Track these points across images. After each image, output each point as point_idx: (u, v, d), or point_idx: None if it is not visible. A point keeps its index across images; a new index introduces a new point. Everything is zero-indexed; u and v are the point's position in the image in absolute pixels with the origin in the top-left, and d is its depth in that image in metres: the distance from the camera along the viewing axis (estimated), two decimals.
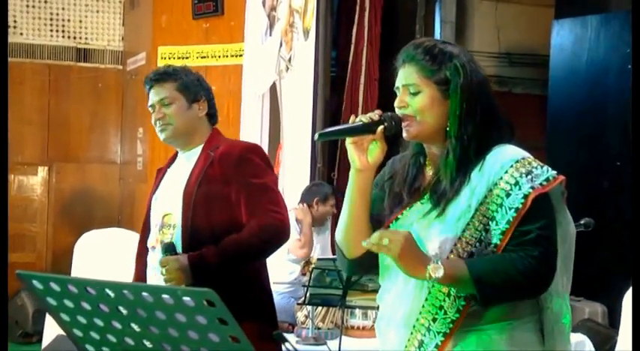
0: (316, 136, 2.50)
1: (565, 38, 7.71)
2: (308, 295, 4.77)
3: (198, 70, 3.74)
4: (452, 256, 2.43)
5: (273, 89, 7.26)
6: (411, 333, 2.50)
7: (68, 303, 1.84)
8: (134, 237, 6.49)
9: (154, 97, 3.50)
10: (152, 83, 3.50)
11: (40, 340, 6.48)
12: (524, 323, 2.48)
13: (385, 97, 7.32)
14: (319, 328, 5.02)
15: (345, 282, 4.70)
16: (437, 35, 7.18)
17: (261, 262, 3.54)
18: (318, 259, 5.06)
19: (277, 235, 3.38)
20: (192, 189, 3.35)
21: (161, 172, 3.65)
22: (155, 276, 3.41)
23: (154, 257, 3.44)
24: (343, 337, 4.76)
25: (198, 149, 3.48)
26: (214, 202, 3.35)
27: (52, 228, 9.05)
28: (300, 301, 5.01)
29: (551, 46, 7.84)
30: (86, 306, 1.83)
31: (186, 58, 7.75)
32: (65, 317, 1.89)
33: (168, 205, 3.46)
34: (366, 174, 2.54)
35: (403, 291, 2.52)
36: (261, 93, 7.31)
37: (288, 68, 6.91)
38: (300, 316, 5.12)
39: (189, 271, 3.22)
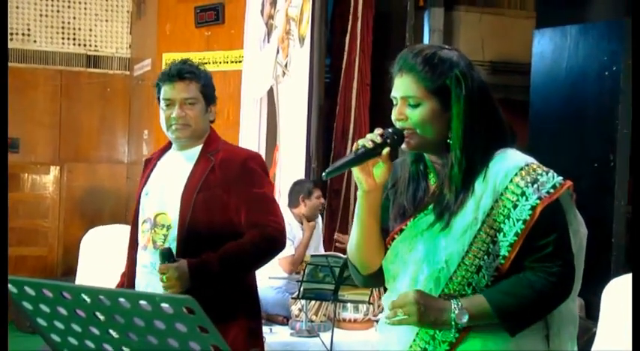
0: (324, 175, 2.22)
1: (545, 47, 7.56)
2: (302, 289, 4.67)
3: None
4: (459, 270, 2.18)
5: (270, 93, 7.09)
6: (414, 340, 2.26)
7: (44, 308, 1.61)
8: None
9: (176, 93, 3.16)
10: (175, 79, 3.17)
11: None
12: (530, 330, 2.21)
13: (376, 100, 7.21)
14: (312, 321, 4.89)
15: (337, 277, 4.58)
16: (426, 43, 7.00)
17: None
18: (312, 256, 4.89)
19: (276, 245, 3.18)
20: (191, 193, 3.10)
21: (150, 164, 3.35)
22: (145, 275, 3.19)
23: (145, 256, 3.19)
24: (335, 329, 4.64)
25: (197, 149, 3.21)
26: (213, 208, 3.10)
27: (63, 224, 8.94)
28: (294, 296, 4.87)
29: (532, 54, 7.70)
30: (62, 311, 1.59)
31: None
32: (42, 322, 1.65)
33: (162, 205, 3.18)
34: (374, 194, 2.28)
35: None
36: (259, 97, 7.16)
37: (284, 73, 6.73)
38: (295, 309, 4.97)
39: (189, 278, 2.98)
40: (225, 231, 3.10)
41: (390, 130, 2.23)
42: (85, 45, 9.02)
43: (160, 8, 8.00)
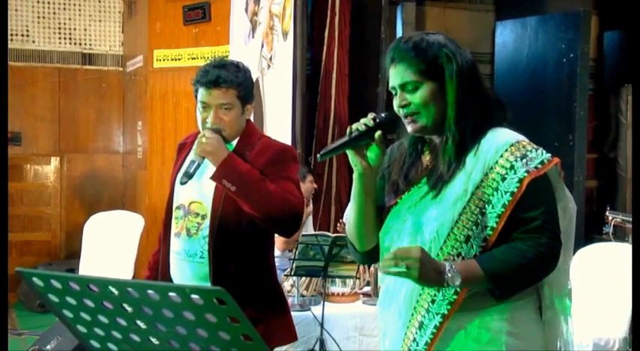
0: (318, 156, 2.15)
1: (507, 37, 7.52)
2: (294, 266, 4.56)
3: (189, 70, 3.22)
4: (449, 240, 2.09)
5: (256, 85, 6.89)
6: (412, 314, 2.16)
7: (70, 300, 1.47)
8: (135, 218, 6.24)
9: (212, 99, 2.88)
10: (211, 86, 2.87)
11: None
12: (524, 303, 2.13)
13: (354, 89, 7.11)
14: (304, 296, 4.79)
15: (327, 255, 4.50)
16: (399, 35, 6.90)
17: (270, 257, 3.08)
18: (302, 235, 4.77)
19: (291, 208, 2.83)
20: (223, 188, 2.84)
21: (185, 150, 3.09)
22: (178, 261, 2.98)
23: (178, 243, 2.97)
24: (325, 302, 4.53)
25: (234, 143, 2.95)
26: None
27: (65, 210, 8.75)
28: (286, 273, 4.76)
29: (495, 44, 7.65)
30: (89, 303, 1.45)
31: (179, 59, 7.48)
32: (68, 314, 1.51)
33: (197, 193, 2.95)
34: (368, 176, 2.19)
35: None
36: None
37: (269, 66, 6.59)
38: (287, 285, 4.86)
39: (224, 151, 2.77)
40: (254, 225, 2.86)
41: (382, 114, 2.17)
42: (80, 44, 8.81)
43: (150, 8, 7.78)
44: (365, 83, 7.08)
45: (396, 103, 2.17)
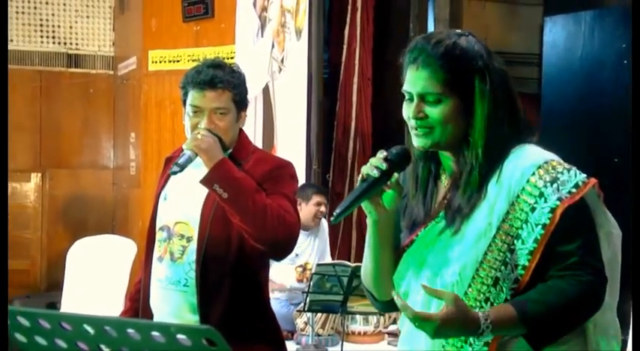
0: (332, 219, 2.12)
1: (558, 35, 7.50)
2: (308, 301, 4.54)
3: None
4: (474, 284, 2.06)
5: (265, 91, 6.97)
6: None
7: (40, 340, 1.48)
8: (127, 243, 6.27)
9: (206, 102, 2.95)
10: (206, 87, 2.95)
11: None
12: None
13: (379, 96, 7.13)
14: (319, 335, 4.79)
15: (346, 287, 4.48)
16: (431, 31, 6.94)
17: (264, 291, 3.15)
18: (318, 265, 4.77)
19: (285, 227, 2.89)
20: (211, 207, 2.93)
21: (171, 164, 3.08)
22: (160, 290, 3.02)
23: (160, 269, 3.02)
24: (344, 343, 4.53)
25: (226, 155, 3.01)
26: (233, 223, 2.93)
27: (46, 235, 8.78)
28: (299, 308, 4.76)
29: (543, 43, 7.63)
30: (61, 344, 1.46)
31: (177, 61, 7.53)
32: None
33: (182, 213, 3.02)
34: (385, 221, 2.17)
35: None
36: (254, 95, 7.03)
37: (280, 69, 6.62)
38: (300, 322, 4.87)
39: (219, 154, 2.86)
40: (244, 248, 2.92)
41: (393, 150, 2.13)
42: (65, 43, 8.88)
43: (145, 2, 7.85)
44: (390, 89, 7.09)
45: (410, 111, 2.12)
